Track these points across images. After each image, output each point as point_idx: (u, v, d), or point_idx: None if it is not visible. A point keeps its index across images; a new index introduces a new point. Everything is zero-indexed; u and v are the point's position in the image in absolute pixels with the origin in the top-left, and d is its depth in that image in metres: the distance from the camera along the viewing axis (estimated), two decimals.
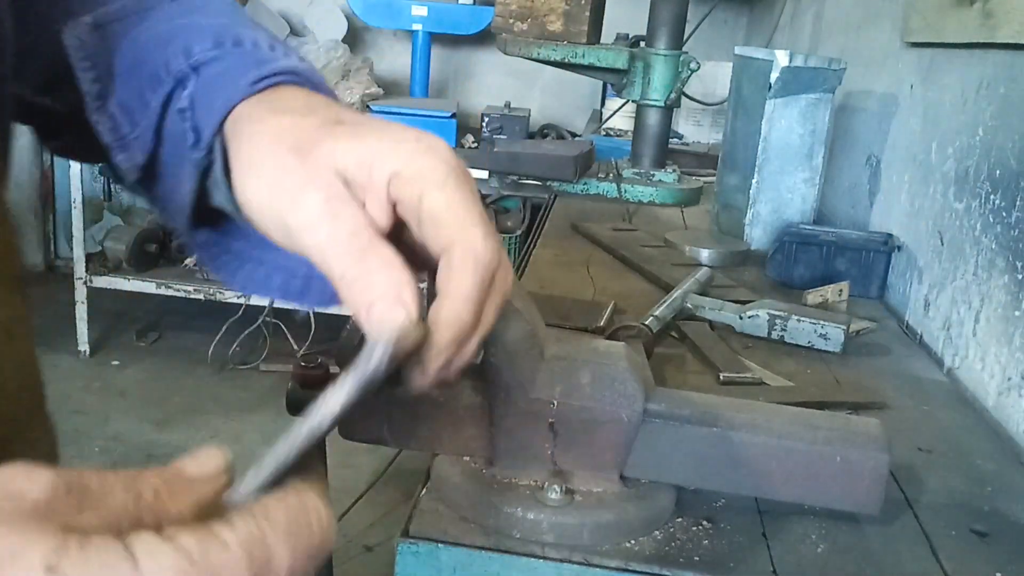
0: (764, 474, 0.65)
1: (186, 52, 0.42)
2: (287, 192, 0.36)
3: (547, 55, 1.77)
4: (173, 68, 0.42)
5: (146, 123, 0.42)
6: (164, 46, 0.43)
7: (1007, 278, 0.93)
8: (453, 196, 0.36)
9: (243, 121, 0.40)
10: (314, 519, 0.27)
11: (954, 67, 1.16)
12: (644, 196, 1.78)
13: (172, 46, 0.43)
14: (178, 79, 0.42)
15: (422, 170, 0.36)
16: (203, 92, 0.41)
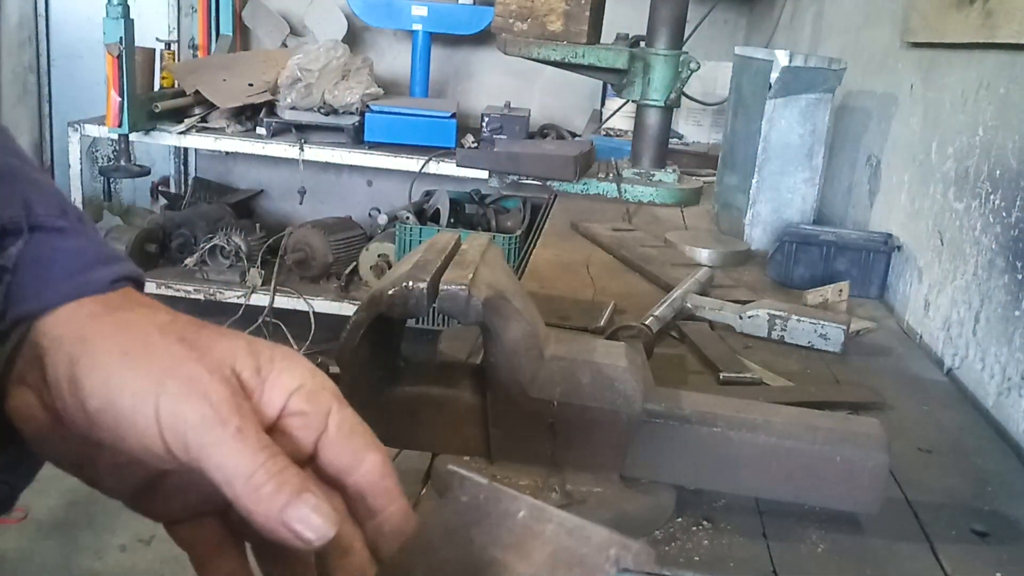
0: (764, 474, 0.65)
1: (24, 203, 0.36)
2: (183, 382, 0.34)
3: (547, 55, 1.77)
4: (3, 215, 0.36)
5: None
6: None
7: (1007, 278, 0.93)
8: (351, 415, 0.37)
9: (98, 313, 0.36)
10: None
11: (954, 67, 1.16)
12: (644, 196, 1.78)
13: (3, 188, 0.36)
14: (5, 229, 0.36)
15: (325, 386, 0.36)
16: (36, 262, 0.36)
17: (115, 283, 0.37)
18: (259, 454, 0.33)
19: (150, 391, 0.34)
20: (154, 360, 0.34)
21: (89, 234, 0.38)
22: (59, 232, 0.37)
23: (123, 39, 2.63)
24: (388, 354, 0.66)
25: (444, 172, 2.80)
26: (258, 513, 0.33)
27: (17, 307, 0.35)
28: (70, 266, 0.36)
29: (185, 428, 0.33)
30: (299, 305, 2.85)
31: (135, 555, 2.03)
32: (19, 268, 0.35)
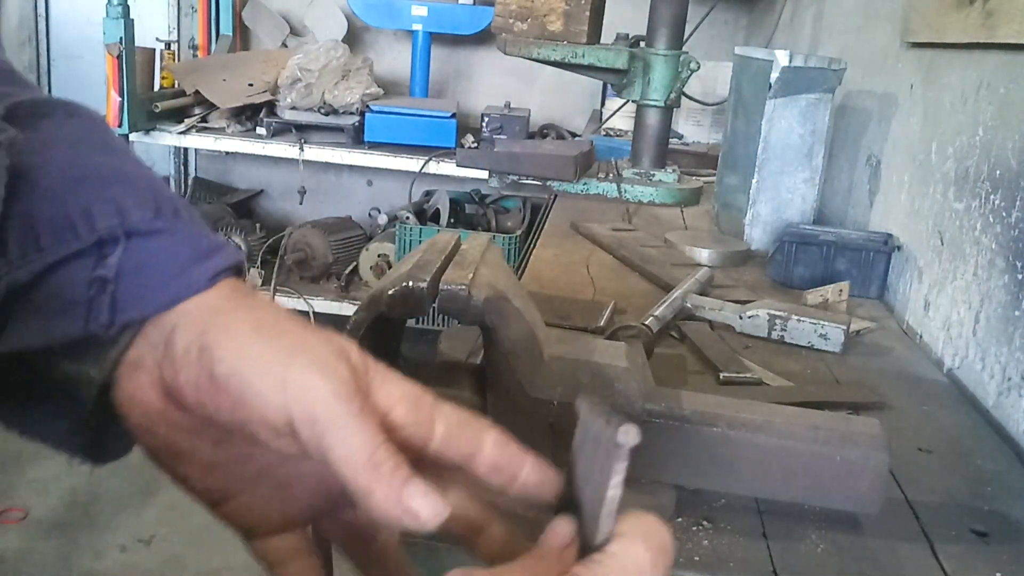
0: (764, 474, 0.65)
1: (119, 210, 0.36)
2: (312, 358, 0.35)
3: (547, 55, 1.77)
4: (99, 225, 0.36)
5: (28, 267, 0.35)
6: (79, 187, 0.36)
7: (1007, 278, 0.93)
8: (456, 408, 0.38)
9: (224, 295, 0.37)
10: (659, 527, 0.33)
11: (954, 67, 1.16)
12: (644, 196, 1.78)
13: (95, 192, 0.36)
14: (103, 240, 0.36)
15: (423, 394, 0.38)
16: (137, 269, 0.36)
17: (214, 279, 0.37)
18: (378, 435, 0.34)
19: (280, 361, 0.34)
20: (284, 336, 0.35)
21: (184, 229, 0.38)
22: (155, 234, 0.37)
23: (123, 39, 2.63)
24: (388, 354, 0.66)
25: (444, 172, 2.80)
26: (378, 491, 0.33)
27: (123, 314, 0.36)
28: (168, 270, 0.37)
29: (313, 401, 0.34)
30: (299, 305, 2.85)
31: (135, 555, 2.03)
32: (120, 276, 0.36)
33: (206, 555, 2.05)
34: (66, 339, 0.36)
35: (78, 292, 0.36)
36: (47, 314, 0.36)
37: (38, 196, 0.36)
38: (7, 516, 2.12)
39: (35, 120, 0.38)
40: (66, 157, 0.37)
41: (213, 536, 2.11)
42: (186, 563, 2.02)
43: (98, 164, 0.38)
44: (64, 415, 0.39)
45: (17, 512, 2.14)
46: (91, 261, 0.36)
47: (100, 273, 0.36)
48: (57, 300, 0.36)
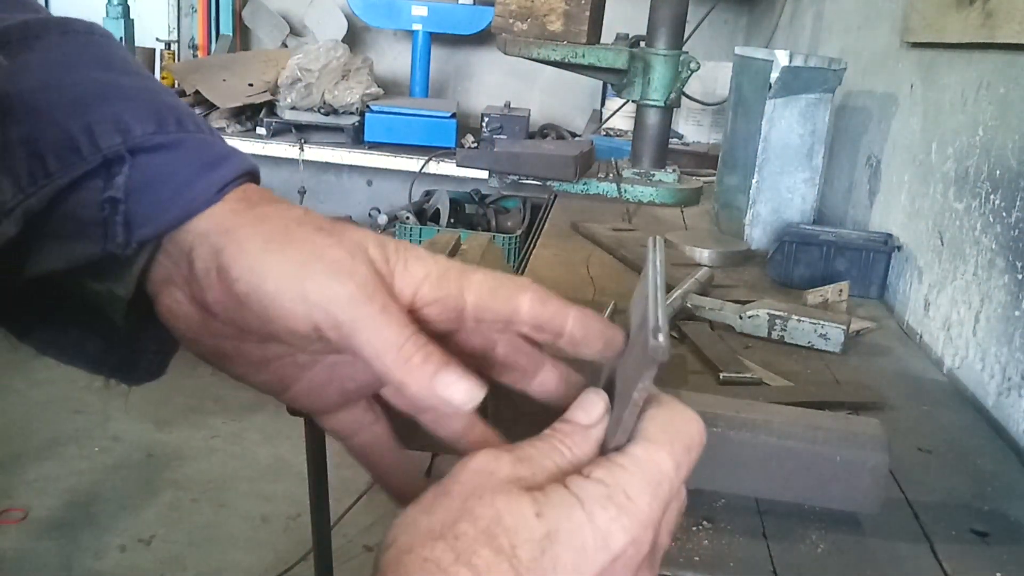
0: (764, 474, 0.65)
1: (121, 128, 0.36)
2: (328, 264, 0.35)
3: (547, 55, 1.77)
4: (103, 144, 0.35)
5: (40, 193, 0.35)
6: (79, 107, 0.36)
7: (1007, 278, 0.93)
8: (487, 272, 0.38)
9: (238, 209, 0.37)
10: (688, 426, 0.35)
11: (954, 67, 1.16)
12: (644, 196, 1.78)
13: (96, 112, 0.36)
14: (108, 159, 0.36)
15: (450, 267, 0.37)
16: (144, 186, 0.36)
17: (222, 191, 0.37)
18: (405, 328, 0.35)
19: (294, 275, 0.35)
20: (295, 247, 0.36)
21: (189, 140, 0.38)
22: (159, 149, 0.37)
23: (123, 39, 2.63)
24: None
25: (444, 172, 2.80)
26: (411, 383, 0.35)
27: (138, 232, 0.36)
28: (176, 184, 0.36)
29: (335, 306, 0.35)
30: None
31: (135, 555, 2.03)
32: (130, 195, 0.36)
33: (206, 555, 2.05)
34: (87, 260, 0.36)
35: (92, 213, 0.36)
36: (65, 238, 0.36)
37: (40, 121, 0.35)
38: (7, 516, 2.12)
39: (27, 42, 0.37)
40: (67, 78, 0.37)
41: (213, 536, 2.11)
42: (186, 563, 2.02)
43: (96, 81, 0.37)
44: (96, 336, 0.40)
45: (17, 512, 2.14)
46: (100, 182, 0.36)
47: (110, 194, 0.36)
48: (73, 223, 0.36)
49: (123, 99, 0.37)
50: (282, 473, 2.36)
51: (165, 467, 2.38)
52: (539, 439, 0.35)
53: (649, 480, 0.33)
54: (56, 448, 2.42)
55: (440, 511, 0.32)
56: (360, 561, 1.99)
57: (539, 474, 0.33)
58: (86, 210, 0.36)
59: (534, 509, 0.32)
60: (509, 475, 0.33)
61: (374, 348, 0.35)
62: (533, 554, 0.31)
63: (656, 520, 0.34)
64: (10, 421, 2.55)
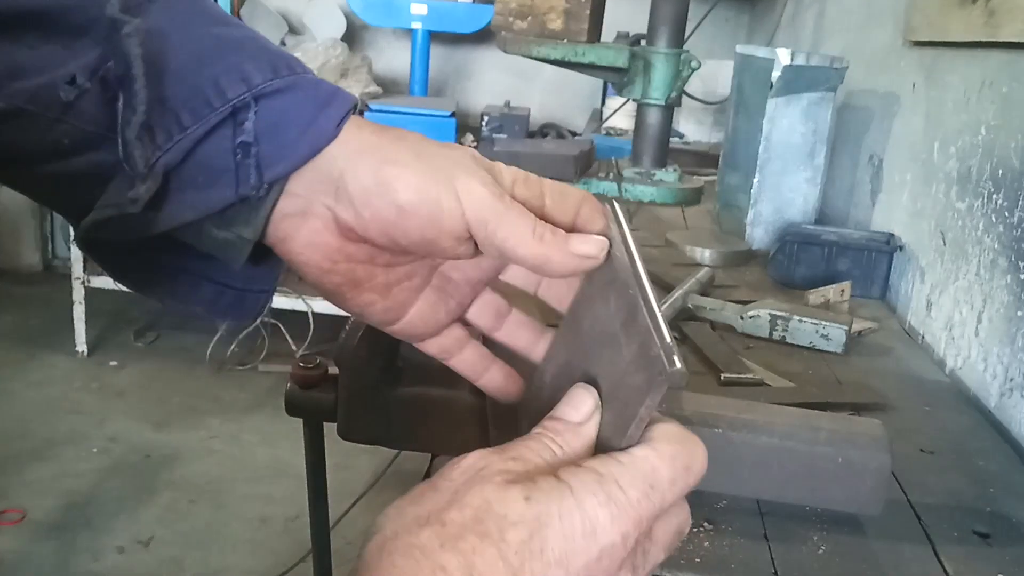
0: (765, 475, 0.64)
1: (244, 78, 0.39)
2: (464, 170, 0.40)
3: (547, 54, 1.76)
4: (230, 94, 0.38)
5: (176, 147, 0.38)
6: (203, 62, 0.39)
7: (1009, 278, 0.92)
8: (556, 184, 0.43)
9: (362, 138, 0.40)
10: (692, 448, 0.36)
11: (956, 66, 1.15)
12: (645, 195, 1.77)
13: (218, 65, 0.39)
14: (236, 108, 0.38)
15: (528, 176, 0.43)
16: (271, 129, 0.39)
17: (340, 124, 0.40)
18: (530, 215, 0.40)
19: (448, 180, 0.39)
20: (438, 157, 0.40)
21: (301, 82, 0.40)
22: (279, 93, 0.39)
23: None
24: (387, 354, 0.65)
25: None
26: (552, 255, 0.40)
27: (269, 171, 0.39)
28: (299, 124, 0.39)
29: (480, 205, 0.39)
30: (298, 305, 2.84)
31: (133, 557, 2.03)
32: (259, 138, 0.39)
33: (204, 557, 2.04)
34: (220, 206, 0.39)
35: (225, 160, 0.39)
36: (199, 186, 0.39)
37: (170, 79, 0.38)
38: (5, 517, 2.12)
39: (145, 5, 0.39)
40: (184, 36, 0.39)
41: (211, 537, 2.11)
42: (184, 565, 2.02)
43: (213, 36, 0.40)
44: (210, 282, 0.44)
45: (15, 513, 2.13)
46: (229, 130, 0.38)
47: (242, 139, 0.38)
48: (207, 171, 0.39)
49: (238, 50, 0.40)
50: (281, 474, 2.36)
51: (163, 468, 2.38)
52: (530, 438, 0.36)
53: (643, 478, 0.34)
54: (53, 449, 2.42)
55: (428, 502, 0.33)
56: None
57: (531, 471, 0.34)
58: (218, 158, 0.39)
59: (523, 494, 0.32)
60: (500, 470, 0.34)
61: (515, 237, 0.39)
62: (521, 536, 0.31)
63: (644, 518, 0.34)
64: (7, 422, 2.54)
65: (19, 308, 3.26)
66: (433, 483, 0.34)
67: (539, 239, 0.40)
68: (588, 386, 0.38)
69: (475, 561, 0.30)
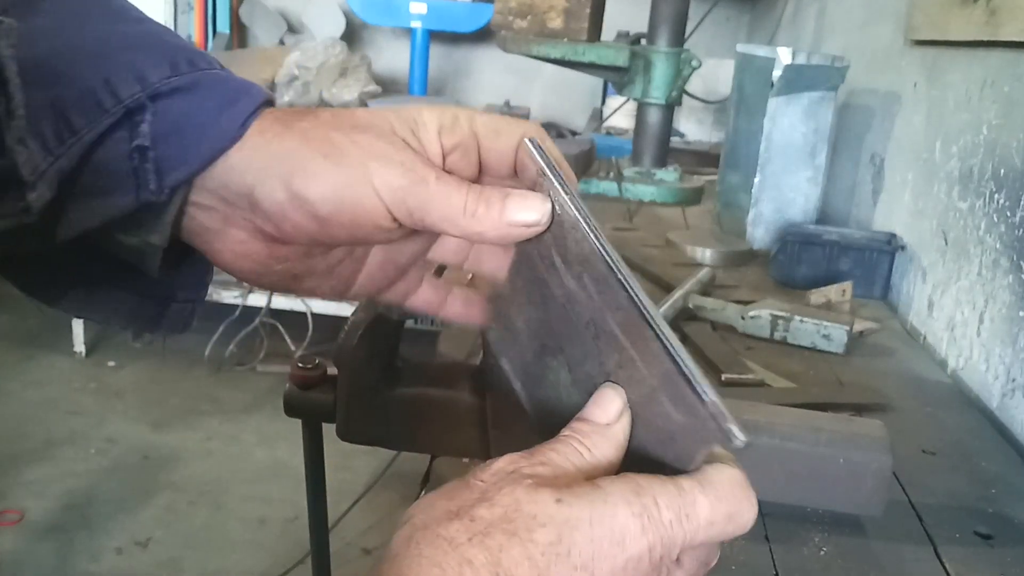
0: (766, 476, 0.64)
1: (139, 77, 0.36)
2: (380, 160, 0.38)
3: (547, 53, 1.76)
4: (123, 95, 0.36)
5: (68, 152, 0.36)
6: (96, 61, 0.36)
7: (1011, 278, 0.92)
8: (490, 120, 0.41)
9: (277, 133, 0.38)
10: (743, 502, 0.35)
11: (958, 65, 1.15)
12: (645, 195, 1.77)
13: (111, 64, 0.36)
14: (130, 109, 0.36)
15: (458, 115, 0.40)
16: (169, 130, 0.37)
17: (245, 124, 0.38)
18: (460, 188, 0.38)
19: (363, 178, 0.38)
20: (351, 149, 0.38)
21: (204, 79, 0.38)
22: (178, 92, 0.37)
23: None
24: (387, 355, 0.65)
25: None
26: (486, 231, 0.38)
27: (169, 176, 0.37)
28: (200, 124, 0.37)
29: (402, 195, 0.38)
30: (297, 305, 2.84)
31: (131, 558, 2.02)
32: (157, 141, 0.37)
33: (203, 558, 2.04)
34: (121, 213, 0.37)
35: (122, 165, 0.37)
36: (98, 193, 0.37)
37: (59, 80, 0.36)
38: (3, 518, 2.12)
39: (34, 4, 0.38)
40: (76, 35, 0.37)
41: (210, 539, 2.10)
42: (183, 566, 2.01)
43: (106, 33, 0.38)
44: (127, 292, 0.42)
45: (13, 514, 2.13)
46: (125, 132, 0.37)
47: (138, 142, 0.37)
48: (105, 177, 0.37)
49: (135, 48, 0.37)
50: (279, 475, 2.36)
51: (161, 469, 2.37)
52: (558, 441, 0.35)
53: (681, 505, 0.33)
54: (52, 450, 2.41)
55: (459, 498, 0.33)
56: (358, 564, 1.98)
57: (560, 476, 0.34)
58: (115, 163, 0.37)
59: (554, 496, 0.32)
60: (530, 473, 0.33)
61: (444, 220, 0.38)
62: (549, 538, 0.31)
63: (674, 543, 0.33)
64: (5, 423, 2.54)
65: (17, 308, 3.26)
66: (465, 481, 0.34)
67: (470, 216, 0.38)
68: (616, 386, 0.37)
69: (501, 558, 0.30)
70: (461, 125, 0.39)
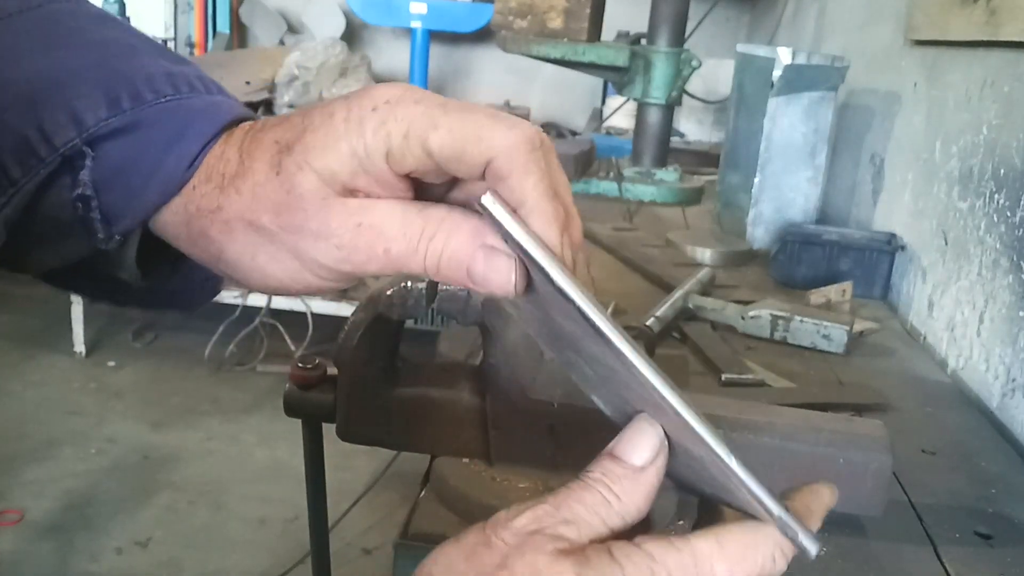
0: (766, 476, 0.64)
1: (76, 119, 0.34)
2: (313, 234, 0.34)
3: (547, 53, 1.76)
4: (58, 142, 0.33)
5: (11, 201, 0.34)
6: (28, 104, 0.34)
7: (1011, 278, 0.92)
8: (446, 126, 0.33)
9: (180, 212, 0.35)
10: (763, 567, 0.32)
11: (958, 65, 1.15)
12: (645, 195, 1.77)
13: (47, 105, 0.34)
14: (67, 157, 0.34)
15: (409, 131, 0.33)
16: (113, 175, 0.34)
17: (193, 163, 0.35)
18: (415, 223, 0.33)
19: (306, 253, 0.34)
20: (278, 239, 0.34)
21: (146, 118, 0.35)
22: (118, 134, 0.34)
23: None
24: (387, 355, 0.65)
25: None
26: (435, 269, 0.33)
27: (117, 225, 0.35)
28: (146, 168, 0.35)
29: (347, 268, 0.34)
30: (296, 305, 2.84)
31: (131, 558, 2.02)
32: (100, 189, 0.34)
33: (203, 558, 2.04)
34: (78, 258, 0.36)
35: (68, 213, 0.35)
36: (52, 239, 0.36)
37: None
38: (3, 518, 2.11)
39: None
40: (6, 75, 0.34)
41: (210, 539, 2.10)
42: (183, 566, 2.01)
43: (43, 67, 0.35)
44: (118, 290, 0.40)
45: (13, 514, 2.12)
46: (68, 179, 0.34)
47: (79, 191, 0.34)
48: (54, 225, 0.35)
49: (72, 83, 0.34)
50: (279, 475, 2.35)
51: (161, 469, 2.37)
52: (585, 488, 0.33)
53: (696, 573, 0.32)
54: (52, 450, 2.41)
55: (478, 560, 0.31)
56: (358, 564, 1.98)
57: (585, 533, 0.32)
58: (62, 211, 0.34)
59: (575, 569, 0.31)
60: (552, 536, 0.32)
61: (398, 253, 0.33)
62: None
63: None
64: (5, 423, 2.54)
65: (17, 308, 3.26)
66: (487, 538, 0.32)
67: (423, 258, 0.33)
68: (653, 422, 0.34)
69: None
70: (411, 149, 0.32)
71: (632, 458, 0.33)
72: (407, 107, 0.32)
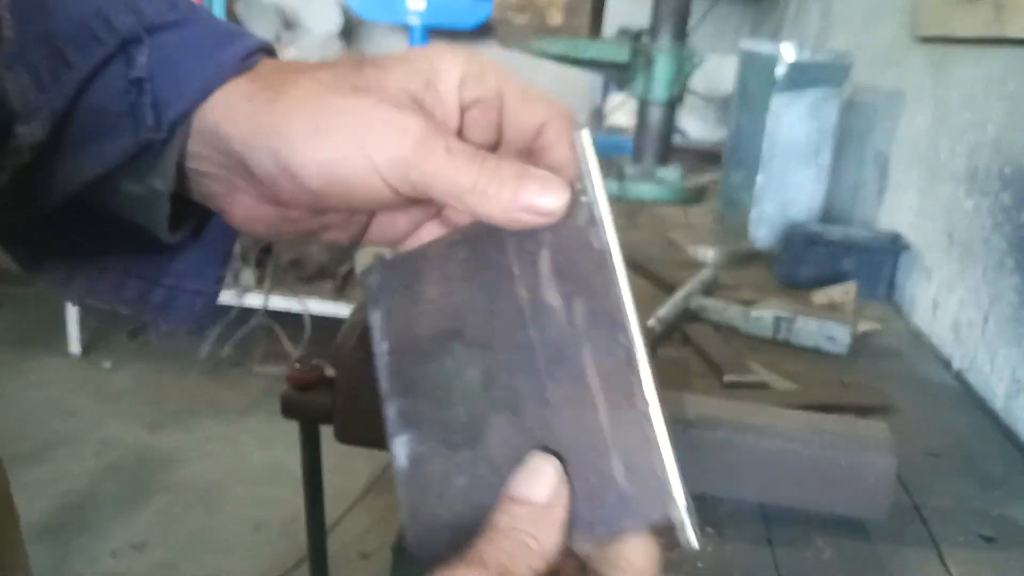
0: (769, 479, 0.63)
1: (134, 8, 0.36)
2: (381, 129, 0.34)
3: (547, 49, 1.75)
4: (118, 25, 0.35)
5: (62, 88, 0.35)
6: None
7: (1017, 279, 0.91)
8: (520, 82, 0.37)
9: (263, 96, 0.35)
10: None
11: (964, 63, 1.14)
12: (647, 194, 1.76)
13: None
14: (125, 41, 0.35)
15: (485, 67, 0.37)
16: (166, 64, 0.35)
17: (246, 59, 0.37)
18: (472, 163, 0.34)
19: (359, 152, 0.34)
20: (346, 123, 0.35)
21: (203, 19, 0.37)
22: (175, 26, 0.36)
23: None
24: None
25: None
26: (497, 213, 0.34)
27: (168, 110, 0.35)
28: (198, 57, 0.36)
29: (404, 168, 0.34)
30: (294, 306, 2.83)
31: (127, 561, 2.01)
32: (154, 74, 0.35)
33: (199, 561, 2.03)
34: (121, 155, 0.36)
35: (118, 101, 0.35)
36: (96, 135, 0.36)
37: (53, 15, 0.35)
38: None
39: None
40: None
41: (207, 542, 2.09)
42: (179, 569, 2.00)
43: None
44: (135, 277, 0.42)
45: None
46: (122, 67, 0.35)
47: (135, 75, 0.35)
48: (101, 115, 0.36)
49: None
50: (277, 478, 2.34)
51: (158, 471, 2.36)
52: (507, 537, 0.32)
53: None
54: (48, 451, 2.40)
55: None
56: (355, 567, 1.96)
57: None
58: (112, 100, 0.35)
59: None
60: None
61: (452, 194, 0.34)
62: None
63: None
64: (2, 424, 2.53)
65: (12, 309, 3.25)
66: None
67: (480, 195, 0.34)
68: (549, 456, 0.33)
69: None
70: (487, 79, 0.36)
71: (536, 495, 0.32)
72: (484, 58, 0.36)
